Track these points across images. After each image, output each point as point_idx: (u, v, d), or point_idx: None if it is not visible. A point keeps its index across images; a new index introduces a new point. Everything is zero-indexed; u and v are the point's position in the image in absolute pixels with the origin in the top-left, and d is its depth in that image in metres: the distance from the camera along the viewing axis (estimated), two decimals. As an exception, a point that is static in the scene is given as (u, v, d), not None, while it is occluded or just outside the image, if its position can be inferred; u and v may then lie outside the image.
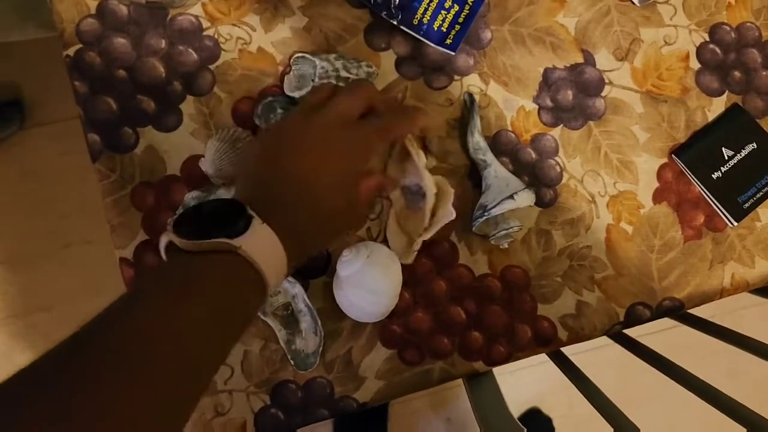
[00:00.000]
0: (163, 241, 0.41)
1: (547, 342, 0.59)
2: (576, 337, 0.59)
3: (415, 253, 0.56)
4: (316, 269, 0.58)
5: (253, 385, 0.56)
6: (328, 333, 0.57)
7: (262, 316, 0.55)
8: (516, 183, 0.57)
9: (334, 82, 0.55)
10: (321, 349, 0.55)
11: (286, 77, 0.58)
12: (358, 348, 0.57)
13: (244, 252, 0.39)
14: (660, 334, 1.06)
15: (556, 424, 1.49)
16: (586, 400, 0.64)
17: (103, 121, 0.57)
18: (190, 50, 0.59)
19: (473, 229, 0.57)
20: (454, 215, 0.54)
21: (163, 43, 0.58)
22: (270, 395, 0.56)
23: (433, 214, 0.55)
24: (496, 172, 0.57)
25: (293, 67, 0.58)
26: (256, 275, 0.40)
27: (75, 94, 0.57)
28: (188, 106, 0.58)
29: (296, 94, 0.56)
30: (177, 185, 0.57)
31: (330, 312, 0.57)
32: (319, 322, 0.55)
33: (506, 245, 0.58)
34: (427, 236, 0.55)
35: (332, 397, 0.57)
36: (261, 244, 0.40)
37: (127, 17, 0.58)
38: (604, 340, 0.73)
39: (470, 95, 0.60)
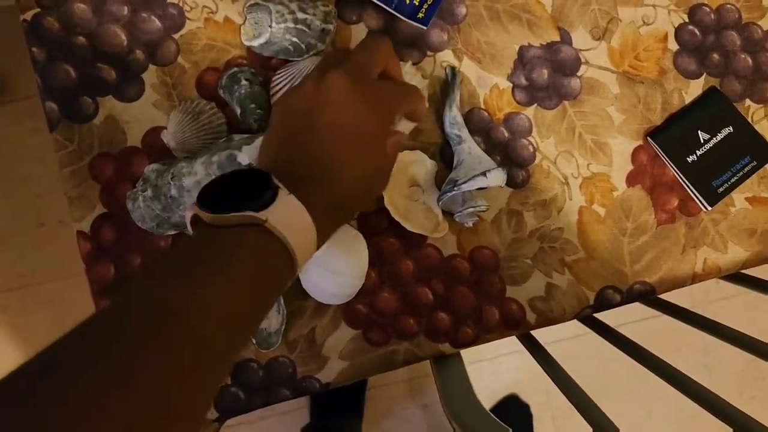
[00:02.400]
0: (188, 214, 0.39)
1: (516, 324, 0.58)
2: (545, 320, 0.58)
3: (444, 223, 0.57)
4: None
5: (213, 363, 0.55)
6: (291, 312, 0.56)
7: None
8: (488, 162, 0.56)
9: (291, 24, 0.53)
10: (283, 327, 0.54)
11: (242, 27, 0.56)
12: (322, 327, 0.56)
13: (270, 225, 0.37)
14: (635, 325, 1.06)
15: (533, 411, 1.49)
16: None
17: (61, 89, 0.55)
18: (154, 18, 0.57)
19: (439, 203, 0.55)
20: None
21: (125, 10, 0.56)
22: (231, 374, 0.55)
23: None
24: (470, 149, 0.56)
25: (248, 16, 0.56)
26: (285, 250, 0.38)
27: (32, 61, 0.55)
28: (151, 75, 0.56)
29: (255, 43, 0.54)
30: (138, 157, 0.55)
31: (293, 290, 0.56)
32: (282, 301, 0.54)
33: (470, 224, 0.56)
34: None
35: (294, 377, 0.55)
36: (288, 217, 0.38)
37: (87, -19, 0.56)
38: (581, 328, 0.72)
39: (452, 68, 0.58)
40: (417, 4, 0.57)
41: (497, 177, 0.54)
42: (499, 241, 0.58)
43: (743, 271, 0.62)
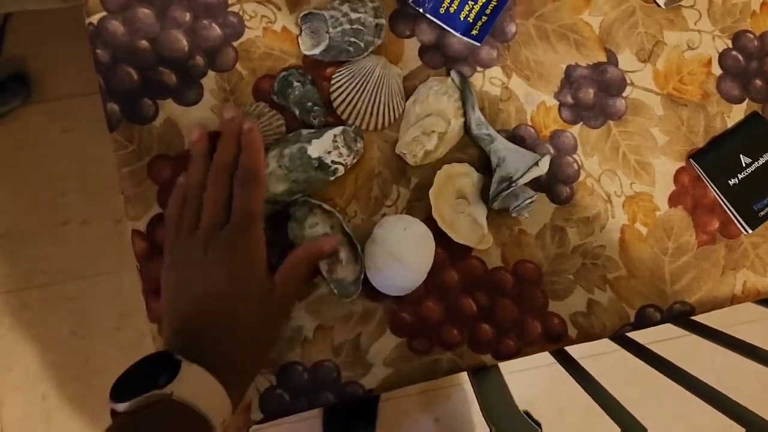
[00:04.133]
0: (110, 409, 0.43)
1: (557, 338, 0.59)
2: (585, 336, 0.59)
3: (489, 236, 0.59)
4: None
5: (260, 365, 0.56)
6: (339, 317, 0.57)
7: None
8: (528, 152, 0.57)
9: (347, 26, 0.55)
10: (362, 277, 0.55)
11: (299, 39, 0.58)
12: (368, 334, 0.57)
13: (177, 396, 0.41)
14: (662, 344, 1.07)
15: (545, 429, 1.49)
16: (575, 407, 0.63)
17: (123, 91, 0.57)
18: (214, 25, 0.58)
19: (494, 205, 0.56)
20: None
21: (187, 16, 0.58)
22: (276, 376, 0.56)
23: None
24: (504, 144, 0.57)
25: (303, 27, 0.58)
26: (196, 413, 0.42)
27: (96, 63, 0.57)
28: (210, 81, 0.58)
29: (316, 51, 0.56)
30: (194, 160, 0.57)
31: (342, 297, 0.57)
32: (359, 248, 0.55)
33: (527, 215, 0.58)
34: None
35: (339, 381, 0.56)
36: (194, 385, 0.43)
37: (153, -12, 0.57)
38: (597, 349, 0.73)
39: (458, 73, 0.59)
40: (471, 20, 0.59)
41: (546, 163, 0.56)
42: (543, 256, 0.59)
43: (781, 295, 0.62)
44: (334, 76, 0.58)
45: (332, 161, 0.54)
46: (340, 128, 0.55)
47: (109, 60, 0.57)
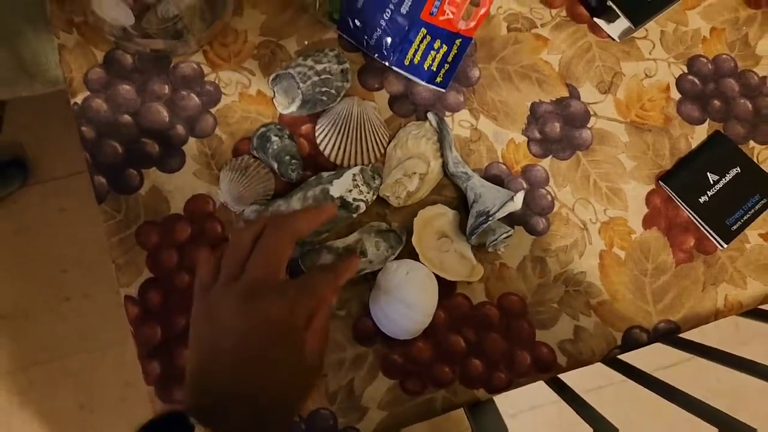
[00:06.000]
0: None
1: (547, 367, 0.59)
2: (575, 362, 0.60)
3: (479, 266, 0.60)
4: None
5: (257, 419, 0.56)
6: (331, 363, 0.58)
7: None
8: (500, 189, 0.59)
9: (316, 78, 0.59)
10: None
11: (274, 100, 0.61)
12: (360, 378, 0.58)
13: None
14: (663, 371, 1.06)
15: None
16: None
17: (108, 164, 0.59)
18: (192, 95, 0.61)
19: (471, 240, 0.58)
20: None
21: (166, 89, 0.61)
22: (274, 429, 0.56)
23: None
24: (480, 182, 0.59)
25: (275, 88, 0.61)
26: None
27: (81, 140, 0.60)
28: (191, 147, 0.60)
29: (293, 108, 0.59)
30: (180, 224, 0.59)
31: (332, 343, 0.58)
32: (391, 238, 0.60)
33: (503, 249, 0.59)
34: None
35: (335, 428, 0.57)
36: None
37: (132, 65, 0.61)
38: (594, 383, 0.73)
39: (435, 114, 0.62)
40: (435, 69, 0.62)
41: (520, 199, 0.58)
42: (526, 287, 0.61)
43: (762, 307, 0.63)
44: (316, 127, 0.61)
45: (353, 199, 0.57)
46: (358, 168, 0.58)
47: (94, 136, 0.60)
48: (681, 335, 0.63)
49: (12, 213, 1.48)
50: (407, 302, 0.56)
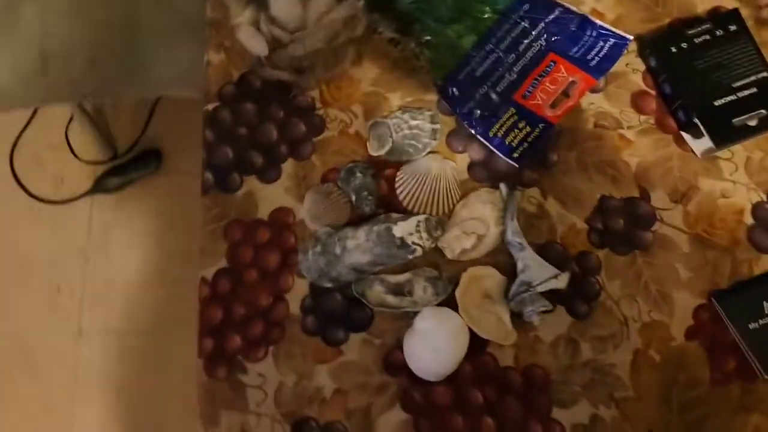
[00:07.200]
0: None
1: (556, 445, 0.61)
2: (585, 449, 0.61)
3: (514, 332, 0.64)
4: (359, 324, 0.65)
5: (280, 414, 0.63)
6: (356, 384, 0.63)
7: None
8: (551, 267, 0.63)
9: (407, 131, 0.66)
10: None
11: (368, 143, 0.69)
12: (379, 405, 0.63)
13: None
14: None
15: None
16: None
17: (218, 165, 0.70)
18: (301, 123, 0.71)
19: (511, 304, 0.62)
20: None
21: (281, 114, 0.71)
22: (291, 427, 0.62)
23: None
24: (532, 255, 0.63)
25: (371, 133, 0.69)
26: None
27: (203, 140, 0.71)
28: (288, 166, 0.70)
29: (381, 152, 0.67)
30: (262, 228, 0.68)
31: (362, 366, 0.63)
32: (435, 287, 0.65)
33: (537, 321, 0.63)
34: None
35: (345, 443, 0.62)
36: None
37: (258, 89, 0.72)
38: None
39: (507, 186, 0.67)
40: (515, 145, 0.67)
41: (565, 279, 0.62)
42: (554, 364, 0.63)
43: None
44: (398, 173, 0.69)
45: (413, 242, 0.63)
46: (424, 216, 0.65)
47: (213, 140, 0.70)
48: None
49: (140, 195, 1.67)
50: (435, 346, 0.60)
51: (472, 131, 0.69)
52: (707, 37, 0.69)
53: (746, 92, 0.67)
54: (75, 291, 1.61)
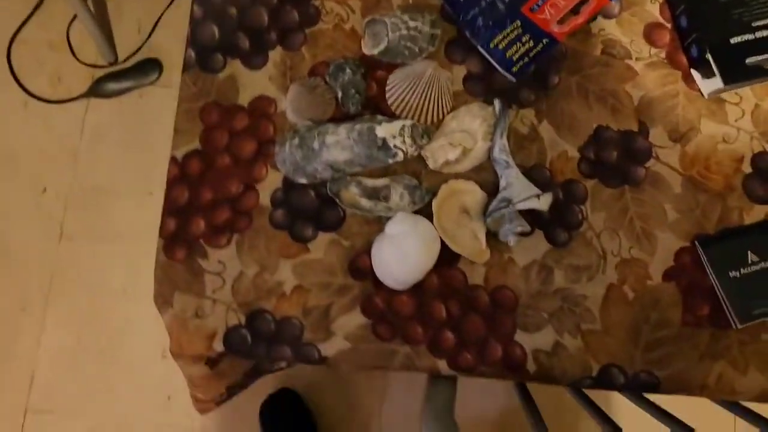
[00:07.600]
0: None
1: (515, 368, 0.60)
2: (544, 376, 0.60)
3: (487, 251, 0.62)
4: (329, 223, 0.62)
5: (237, 303, 0.61)
6: (318, 283, 0.61)
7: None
8: (535, 188, 0.60)
9: (405, 32, 0.62)
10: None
11: (362, 40, 0.65)
12: (339, 305, 0.61)
13: None
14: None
15: None
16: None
17: (203, 43, 0.66)
18: (295, 11, 0.67)
19: (487, 220, 0.60)
20: None
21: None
22: (246, 317, 0.60)
23: None
24: (517, 174, 0.61)
25: (367, 30, 0.65)
26: None
27: (191, 17, 0.67)
28: (275, 54, 0.66)
29: (375, 51, 0.63)
30: (240, 114, 0.65)
31: (327, 266, 0.61)
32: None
33: (513, 243, 0.60)
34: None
35: (300, 339, 0.60)
36: None
37: (255, -31, 0.68)
38: None
39: (501, 102, 0.64)
40: (515, 60, 0.64)
41: (547, 200, 0.59)
42: (524, 288, 0.61)
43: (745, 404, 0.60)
44: (390, 77, 0.65)
45: (395, 145, 0.60)
46: (410, 121, 0.62)
47: (201, 16, 0.67)
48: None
49: (136, 104, 1.63)
50: (404, 251, 0.58)
51: (473, 41, 0.65)
52: (734, -30, 0.65)
53: (765, 33, 0.63)
54: (60, 193, 1.58)
